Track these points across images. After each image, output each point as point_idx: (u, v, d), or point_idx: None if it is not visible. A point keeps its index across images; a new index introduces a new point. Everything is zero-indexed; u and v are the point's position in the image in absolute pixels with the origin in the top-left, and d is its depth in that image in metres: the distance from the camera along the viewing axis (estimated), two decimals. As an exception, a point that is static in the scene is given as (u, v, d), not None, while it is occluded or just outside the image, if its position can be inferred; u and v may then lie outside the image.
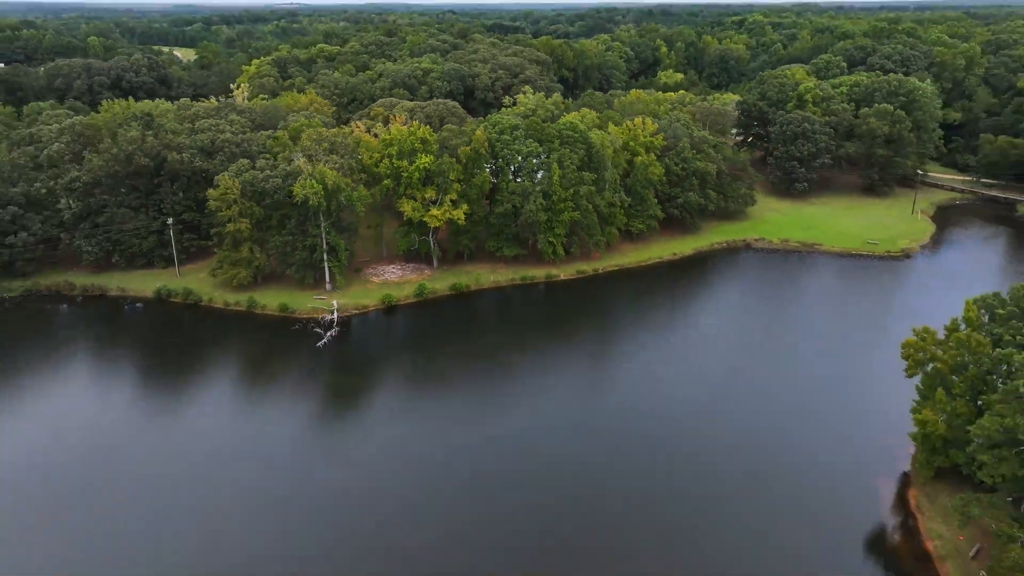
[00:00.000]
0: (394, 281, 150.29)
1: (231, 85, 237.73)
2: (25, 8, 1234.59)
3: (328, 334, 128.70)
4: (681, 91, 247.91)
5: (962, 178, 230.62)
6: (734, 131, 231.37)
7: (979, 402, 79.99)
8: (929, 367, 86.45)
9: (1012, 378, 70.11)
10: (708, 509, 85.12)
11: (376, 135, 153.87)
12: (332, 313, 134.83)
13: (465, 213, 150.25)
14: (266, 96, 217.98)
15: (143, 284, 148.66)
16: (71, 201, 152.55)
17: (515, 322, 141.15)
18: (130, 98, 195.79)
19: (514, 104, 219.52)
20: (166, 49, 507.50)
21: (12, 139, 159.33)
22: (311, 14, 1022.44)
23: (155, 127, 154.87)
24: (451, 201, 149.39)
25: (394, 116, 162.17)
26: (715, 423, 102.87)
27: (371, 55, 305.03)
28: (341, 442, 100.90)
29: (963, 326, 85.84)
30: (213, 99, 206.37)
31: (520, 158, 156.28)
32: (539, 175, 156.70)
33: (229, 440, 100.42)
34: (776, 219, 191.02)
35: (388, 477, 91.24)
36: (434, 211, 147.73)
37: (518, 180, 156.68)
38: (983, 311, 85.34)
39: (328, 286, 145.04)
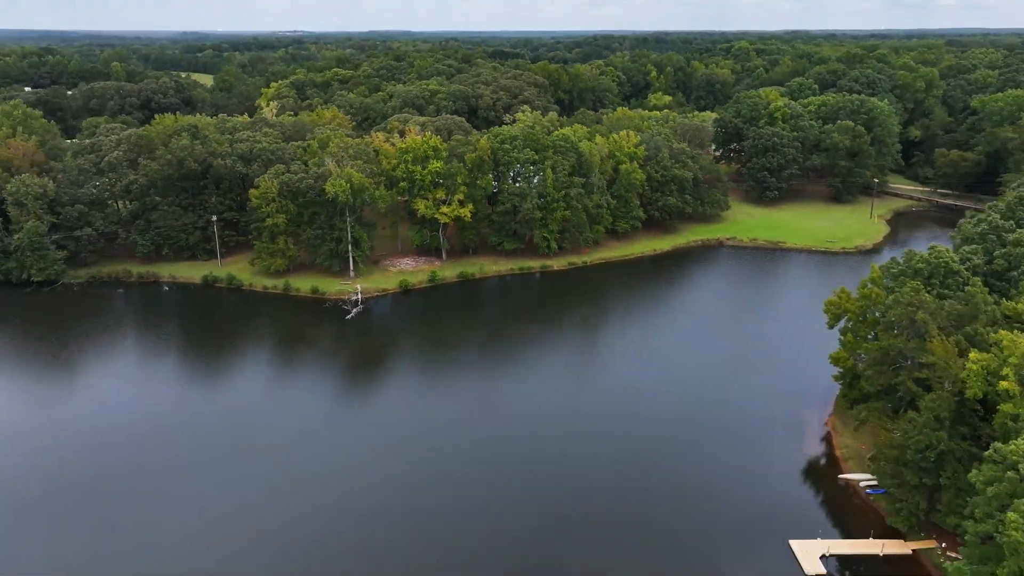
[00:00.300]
0: (409, 270, 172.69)
1: (262, 103, 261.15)
2: (36, 36, 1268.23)
3: (355, 310, 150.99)
4: (665, 110, 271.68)
5: (921, 188, 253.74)
6: (713, 147, 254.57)
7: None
8: (844, 318, 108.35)
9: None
10: (677, 433, 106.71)
11: (393, 144, 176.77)
12: (357, 294, 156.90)
13: (471, 211, 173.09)
14: (292, 113, 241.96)
15: (190, 272, 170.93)
16: (127, 203, 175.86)
17: (514, 303, 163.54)
18: (177, 113, 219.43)
19: (514, 122, 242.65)
20: (184, 75, 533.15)
21: (75, 148, 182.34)
22: (316, 41, 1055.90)
23: (201, 137, 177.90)
24: (459, 201, 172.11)
25: (409, 128, 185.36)
26: (685, 375, 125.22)
27: (382, 78, 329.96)
28: (367, 389, 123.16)
29: (870, 285, 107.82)
30: (246, 115, 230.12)
31: (519, 164, 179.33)
32: (535, 179, 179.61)
33: (278, 389, 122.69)
34: (748, 222, 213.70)
35: (404, 418, 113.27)
36: (444, 209, 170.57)
37: (517, 183, 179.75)
38: (885, 273, 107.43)
39: (352, 273, 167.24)
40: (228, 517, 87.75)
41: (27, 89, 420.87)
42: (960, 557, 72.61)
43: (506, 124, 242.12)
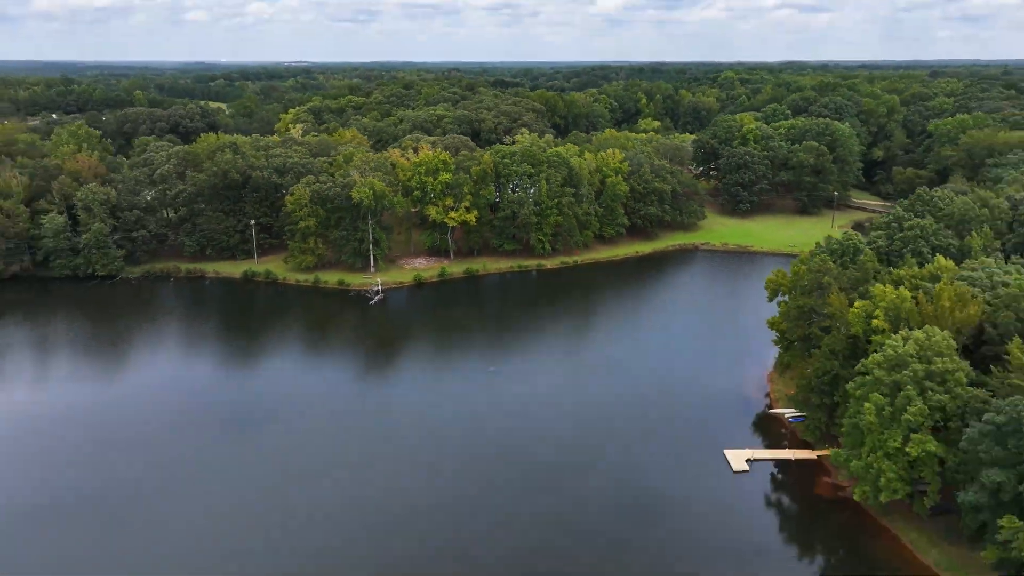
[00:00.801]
0: (421, 267, 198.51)
1: (288, 126, 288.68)
2: (46, 66, 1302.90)
3: (376, 298, 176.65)
4: (651, 132, 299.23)
5: (882, 203, 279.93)
6: (694, 164, 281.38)
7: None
8: (780, 292, 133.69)
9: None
10: (645, 393, 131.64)
11: (408, 159, 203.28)
12: (378, 286, 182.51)
13: (475, 217, 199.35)
14: (315, 134, 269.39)
15: (231, 269, 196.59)
16: (176, 209, 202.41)
17: (513, 295, 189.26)
18: (220, 132, 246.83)
19: (513, 143, 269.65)
20: (203, 103, 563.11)
21: (131, 163, 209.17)
22: (323, 71, 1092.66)
23: (241, 153, 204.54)
24: (465, 207, 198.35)
25: (421, 146, 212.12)
26: (658, 351, 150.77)
27: (392, 104, 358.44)
28: (386, 363, 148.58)
29: (800, 264, 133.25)
30: (276, 136, 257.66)
31: (517, 177, 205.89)
32: (531, 190, 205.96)
33: (311, 362, 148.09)
34: (722, 231, 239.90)
35: (417, 389, 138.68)
36: (452, 214, 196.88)
37: (515, 193, 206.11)
38: (811, 255, 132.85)
39: (372, 269, 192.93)
40: (238, 509, 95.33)
41: (53, 116, 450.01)
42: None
43: (506, 145, 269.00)
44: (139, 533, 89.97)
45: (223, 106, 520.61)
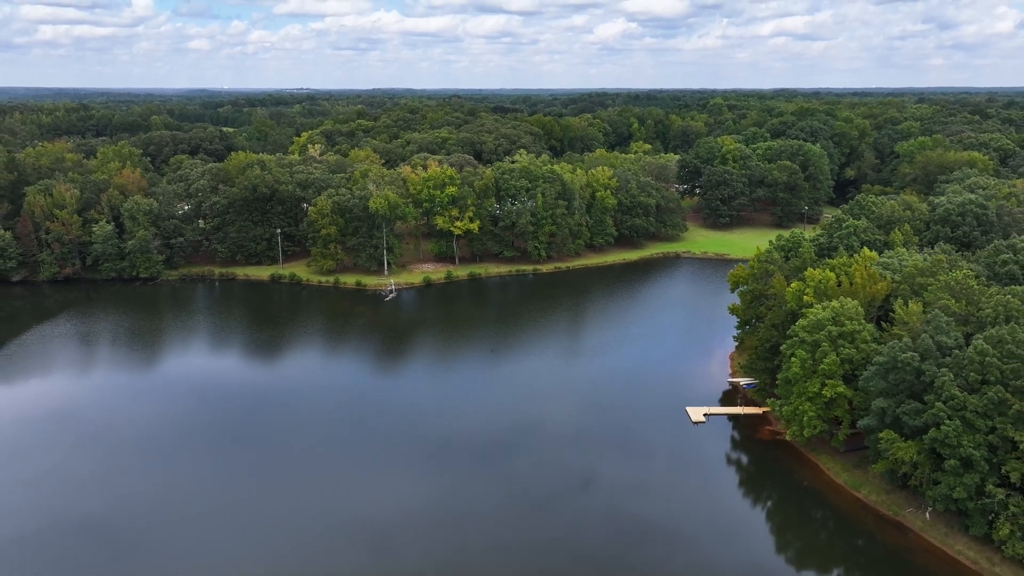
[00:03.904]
0: (429, 271, 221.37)
1: (304, 147, 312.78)
2: (53, 93, 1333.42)
3: (390, 295, 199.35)
4: (639, 152, 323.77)
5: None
6: (678, 182, 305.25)
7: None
8: (740, 284, 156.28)
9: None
10: (625, 369, 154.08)
11: (418, 174, 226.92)
12: (391, 285, 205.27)
13: (478, 226, 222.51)
14: (333, 153, 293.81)
15: (259, 272, 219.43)
16: (209, 219, 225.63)
17: (512, 295, 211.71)
18: (247, 150, 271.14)
19: (513, 162, 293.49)
20: (218, 128, 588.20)
21: (169, 178, 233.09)
22: (328, 98, 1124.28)
23: (268, 169, 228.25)
24: (469, 218, 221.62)
25: (430, 163, 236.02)
26: (638, 338, 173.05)
27: (400, 127, 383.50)
28: (398, 349, 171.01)
29: (756, 260, 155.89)
30: (296, 155, 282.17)
31: (515, 190, 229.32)
32: (529, 202, 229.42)
33: (336, 347, 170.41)
34: (702, 241, 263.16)
35: (425, 369, 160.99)
36: (457, 224, 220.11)
37: (514, 205, 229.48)
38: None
39: (386, 272, 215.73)
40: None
41: (79, 138, 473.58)
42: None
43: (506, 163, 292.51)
44: (143, 531, 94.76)
45: (235, 130, 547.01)
